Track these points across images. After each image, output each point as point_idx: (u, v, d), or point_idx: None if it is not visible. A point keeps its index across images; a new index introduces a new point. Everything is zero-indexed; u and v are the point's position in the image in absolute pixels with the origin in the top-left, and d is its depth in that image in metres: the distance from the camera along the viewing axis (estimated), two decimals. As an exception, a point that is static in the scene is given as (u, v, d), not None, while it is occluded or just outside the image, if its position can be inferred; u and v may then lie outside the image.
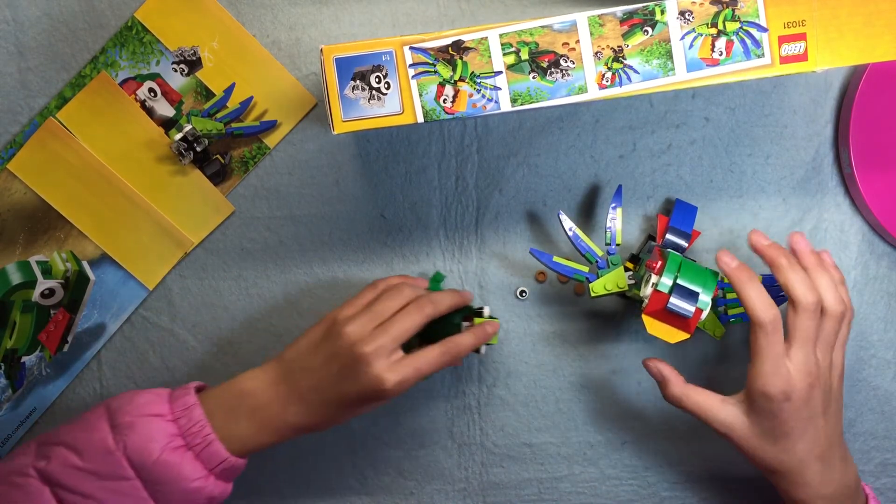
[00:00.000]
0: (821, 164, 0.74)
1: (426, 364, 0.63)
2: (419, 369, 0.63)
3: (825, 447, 0.62)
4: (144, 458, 0.60)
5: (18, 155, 0.71)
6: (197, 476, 0.61)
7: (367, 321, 0.63)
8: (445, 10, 0.72)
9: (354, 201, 0.74)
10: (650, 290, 0.63)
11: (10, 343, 0.72)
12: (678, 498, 0.76)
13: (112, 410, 0.62)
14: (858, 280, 0.75)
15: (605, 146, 0.73)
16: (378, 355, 0.62)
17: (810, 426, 0.61)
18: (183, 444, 0.61)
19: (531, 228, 0.74)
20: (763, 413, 0.61)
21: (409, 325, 0.63)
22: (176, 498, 0.61)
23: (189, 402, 0.63)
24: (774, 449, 0.62)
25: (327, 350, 0.63)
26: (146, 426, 0.61)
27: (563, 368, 0.75)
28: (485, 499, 0.76)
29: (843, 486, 0.63)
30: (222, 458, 0.62)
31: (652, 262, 0.64)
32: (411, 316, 0.64)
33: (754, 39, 0.58)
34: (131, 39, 0.71)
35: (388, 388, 0.62)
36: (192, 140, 0.71)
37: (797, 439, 0.61)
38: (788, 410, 0.60)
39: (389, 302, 0.65)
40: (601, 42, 0.57)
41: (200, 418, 0.62)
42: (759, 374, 0.60)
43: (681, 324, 0.62)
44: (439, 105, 0.58)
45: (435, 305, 0.65)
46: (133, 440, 0.60)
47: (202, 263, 0.74)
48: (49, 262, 0.72)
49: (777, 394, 0.60)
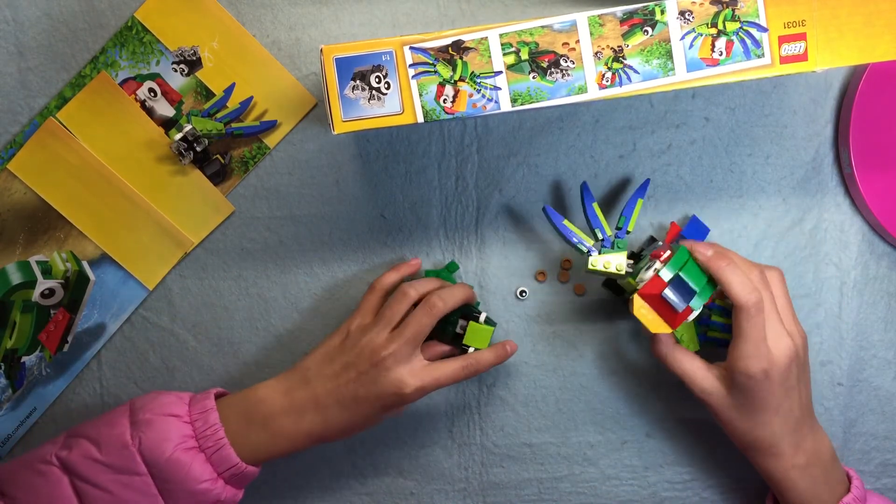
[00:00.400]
0: (821, 164, 0.74)
1: (445, 376, 0.65)
2: (438, 379, 0.65)
3: (798, 418, 0.65)
4: (157, 456, 0.62)
5: (18, 155, 0.71)
6: (206, 478, 0.62)
7: (381, 328, 0.66)
8: (445, 10, 0.72)
9: (354, 201, 0.74)
10: (650, 274, 0.63)
11: (10, 343, 0.72)
12: (678, 498, 0.76)
13: (135, 408, 0.64)
14: (858, 280, 0.75)
15: (605, 146, 0.73)
16: (397, 360, 0.64)
17: (786, 399, 0.64)
18: (196, 445, 0.63)
19: (531, 228, 0.74)
20: (742, 389, 0.63)
21: (422, 327, 0.66)
22: (184, 497, 0.62)
23: (207, 407, 0.64)
24: (750, 423, 0.64)
25: (344, 359, 0.66)
26: (163, 425, 0.63)
27: (563, 368, 0.75)
28: (485, 499, 0.76)
29: (814, 455, 0.65)
30: (233, 463, 0.63)
31: (659, 251, 0.65)
32: (423, 318, 0.66)
33: (754, 39, 0.58)
34: (131, 39, 0.71)
35: (408, 393, 0.64)
36: (192, 140, 0.71)
37: (773, 414, 0.64)
38: (767, 388, 0.63)
39: (398, 305, 0.67)
40: (601, 42, 0.57)
41: (215, 422, 0.64)
42: (741, 354, 0.62)
43: (668, 316, 0.63)
44: (439, 105, 0.58)
45: (445, 302, 0.67)
46: (149, 437, 0.62)
47: (202, 263, 0.74)
48: (49, 262, 0.72)
49: (758, 373, 0.62)
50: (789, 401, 0.64)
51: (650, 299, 0.63)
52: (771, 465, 0.66)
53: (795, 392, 0.64)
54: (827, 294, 0.75)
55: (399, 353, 0.64)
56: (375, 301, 0.69)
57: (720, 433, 0.75)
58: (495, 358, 0.68)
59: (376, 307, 0.69)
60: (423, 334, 0.66)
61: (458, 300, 0.68)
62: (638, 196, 0.70)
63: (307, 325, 0.74)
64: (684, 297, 0.62)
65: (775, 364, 0.62)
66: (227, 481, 0.64)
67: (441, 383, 0.65)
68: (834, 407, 0.75)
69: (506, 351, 0.69)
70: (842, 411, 0.76)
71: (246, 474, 0.65)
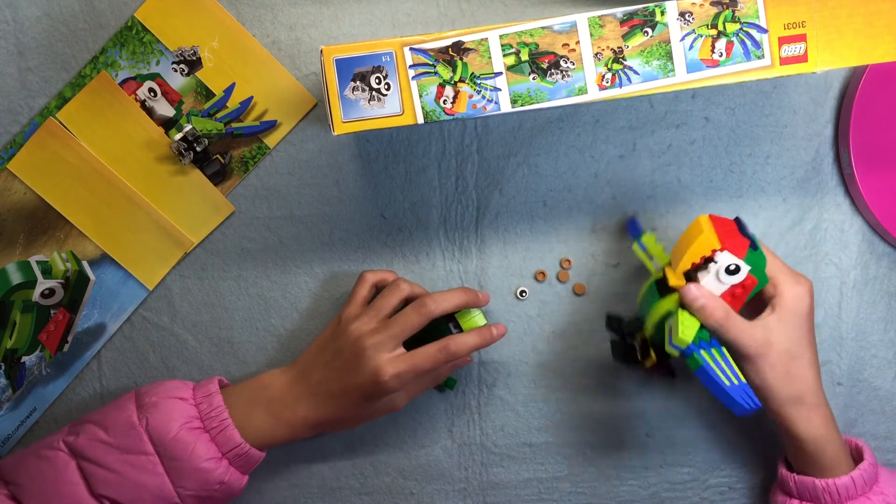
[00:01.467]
0: (821, 164, 0.74)
1: (422, 360, 0.65)
2: (415, 364, 0.65)
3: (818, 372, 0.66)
4: (163, 435, 0.64)
5: (18, 155, 0.71)
6: (210, 456, 0.64)
7: (369, 318, 0.67)
8: (445, 10, 0.72)
9: (354, 201, 0.74)
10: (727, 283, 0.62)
11: (10, 343, 0.72)
12: (678, 498, 0.76)
13: (140, 393, 0.67)
14: (858, 280, 0.75)
15: (605, 146, 0.73)
16: (378, 350, 0.65)
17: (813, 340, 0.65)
18: (200, 425, 0.65)
19: (531, 228, 0.74)
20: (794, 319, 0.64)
21: (409, 324, 0.66)
22: (189, 475, 0.64)
23: (211, 391, 0.67)
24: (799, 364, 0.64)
25: (334, 347, 0.68)
26: (169, 406, 0.65)
27: (563, 368, 0.75)
28: (485, 499, 0.76)
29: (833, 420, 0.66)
30: (236, 443, 0.65)
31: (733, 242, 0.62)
32: (412, 316, 0.66)
33: (754, 40, 0.58)
34: (131, 39, 0.71)
35: (386, 381, 0.64)
36: (192, 140, 0.71)
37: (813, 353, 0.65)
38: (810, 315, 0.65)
39: (389, 298, 0.68)
40: (601, 43, 0.57)
41: (219, 404, 0.66)
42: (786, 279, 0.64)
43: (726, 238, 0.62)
44: (439, 106, 0.58)
45: (437, 304, 0.67)
46: (155, 417, 0.64)
47: (202, 263, 0.74)
48: (49, 262, 0.72)
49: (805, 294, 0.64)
50: (814, 346, 0.65)
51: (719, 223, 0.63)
52: (815, 419, 0.64)
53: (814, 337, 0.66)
54: (827, 294, 0.75)
55: (381, 344, 0.65)
56: (366, 292, 0.70)
57: (720, 433, 0.75)
58: (479, 339, 0.67)
59: (367, 298, 0.70)
60: (409, 332, 0.66)
61: (450, 305, 0.68)
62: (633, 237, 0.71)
63: (307, 325, 0.74)
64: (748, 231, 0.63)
65: (810, 291, 0.64)
66: (232, 462, 0.66)
67: (419, 368, 0.65)
68: (834, 407, 0.75)
69: (491, 334, 0.67)
70: (842, 411, 0.76)
71: (250, 456, 0.66)
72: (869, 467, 0.65)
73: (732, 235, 0.62)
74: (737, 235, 0.63)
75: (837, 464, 0.65)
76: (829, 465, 0.65)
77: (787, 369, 0.63)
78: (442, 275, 0.74)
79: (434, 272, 0.74)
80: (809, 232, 0.75)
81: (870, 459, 0.66)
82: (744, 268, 0.62)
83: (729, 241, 0.62)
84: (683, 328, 0.62)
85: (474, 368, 0.75)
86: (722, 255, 0.62)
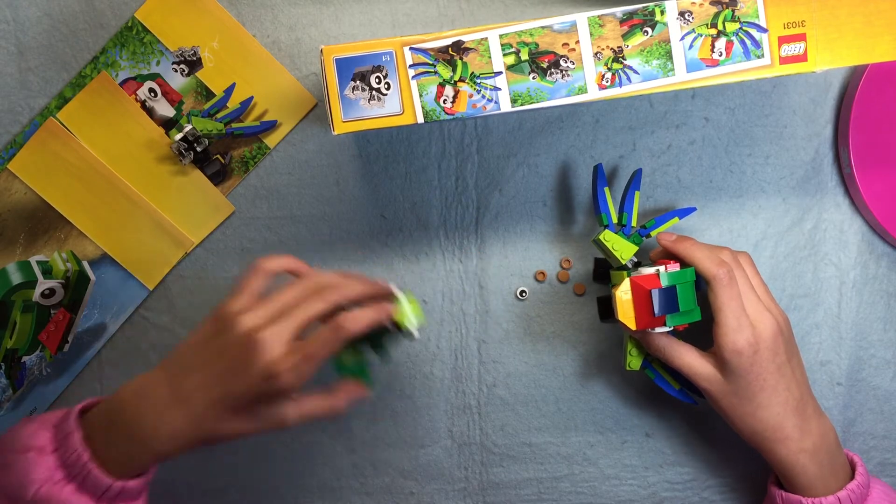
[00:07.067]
0: (821, 164, 0.74)
1: (316, 346, 0.57)
2: (309, 353, 0.56)
3: (798, 398, 0.64)
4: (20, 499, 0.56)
5: (19, 155, 0.71)
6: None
7: (265, 311, 0.57)
8: (445, 10, 0.72)
9: (354, 201, 0.74)
10: (651, 271, 0.64)
11: (10, 343, 0.72)
12: (678, 498, 0.76)
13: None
14: (858, 280, 0.75)
15: (605, 146, 0.74)
16: (273, 342, 0.56)
17: (781, 377, 0.63)
18: (63, 476, 0.56)
19: (531, 228, 0.74)
20: (734, 369, 0.63)
21: (309, 312, 0.58)
22: None
23: (67, 430, 0.57)
24: (751, 407, 0.63)
25: (218, 345, 0.57)
26: (23, 465, 0.56)
27: (563, 368, 0.75)
28: (485, 499, 0.76)
29: (821, 437, 0.65)
30: (106, 485, 0.57)
31: (668, 261, 0.65)
32: (313, 303, 0.58)
33: (754, 40, 0.58)
34: (131, 39, 0.71)
35: (281, 377, 0.56)
36: (192, 140, 0.71)
37: (771, 392, 0.63)
38: (759, 362, 0.62)
39: (291, 291, 0.59)
40: (601, 42, 0.57)
41: (77, 447, 0.57)
42: (726, 330, 0.62)
43: (640, 315, 0.63)
44: (439, 105, 0.58)
45: (340, 292, 0.59)
46: (10, 482, 0.56)
47: (202, 263, 0.74)
48: (49, 262, 0.72)
49: (745, 347, 0.62)
50: (784, 379, 0.63)
51: (638, 290, 0.63)
52: (780, 451, 0.64)
53: (788, 370, 0.63)
54: (826, 294, 0.75)
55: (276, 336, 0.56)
56: (258, 285, 0.60)
57: (720, 433, 0.75)
58: (375, 314, 0.59)
59: (259, 290, 0.60)
60: (307, 320, 0.58)
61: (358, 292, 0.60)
62: (634, 189, 0.70)
63: (307, 325, 0.75)
64: (666, 308, 0.63)
65: (761, 337, 0.62)
66: (114, 500, 0.57)
67: (315, 356, 0.56)
68: (833, 406, 0.75)
69: (385, 308, 0.60)
70: (841, 411, 0.76)
71: (128, 490, 0.57)
72: (857, 487, 0.64)
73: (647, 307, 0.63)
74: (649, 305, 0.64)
75: (822, 483, 0.64)
76: (809, 486, 0.64)
77: (737, 412, 0.64)
78: (442, 275, 0.74)
79: (434, 272, 0.74)
80: (809, 232, 0.75)
81: (859, 479, 0.65)
82: None
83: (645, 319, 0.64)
84: (631, 359, 0.69)
85: (474, 368, 0.75)
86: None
